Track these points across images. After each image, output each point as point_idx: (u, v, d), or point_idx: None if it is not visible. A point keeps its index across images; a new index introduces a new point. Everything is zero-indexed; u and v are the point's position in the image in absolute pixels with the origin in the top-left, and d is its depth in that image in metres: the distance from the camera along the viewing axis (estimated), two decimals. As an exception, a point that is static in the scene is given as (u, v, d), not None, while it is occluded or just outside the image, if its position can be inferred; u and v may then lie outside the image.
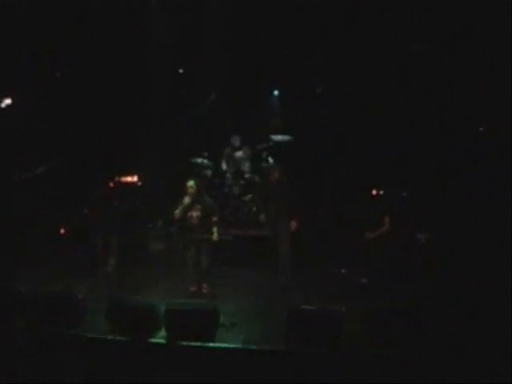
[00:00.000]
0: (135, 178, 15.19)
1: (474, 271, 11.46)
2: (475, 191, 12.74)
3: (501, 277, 10.98)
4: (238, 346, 9.94)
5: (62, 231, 14.21)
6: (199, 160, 15.08)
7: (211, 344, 9.84)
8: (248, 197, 14.51)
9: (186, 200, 11.92)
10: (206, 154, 15.13)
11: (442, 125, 13.72)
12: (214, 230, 11.90)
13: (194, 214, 12.01)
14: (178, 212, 11.91)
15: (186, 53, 15.32)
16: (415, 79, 13.93)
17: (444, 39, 13.54)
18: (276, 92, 15.94)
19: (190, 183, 12.00)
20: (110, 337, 10.24)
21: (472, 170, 12.61)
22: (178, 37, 14.99)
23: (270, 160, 15.03)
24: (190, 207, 11.95)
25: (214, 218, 11.96)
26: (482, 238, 12.03)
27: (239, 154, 15.14)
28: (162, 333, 10.15)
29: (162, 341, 10.03)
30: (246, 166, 15.05)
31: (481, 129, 13.63)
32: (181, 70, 15.77)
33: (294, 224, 12.18)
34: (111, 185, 13.51)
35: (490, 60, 12.86)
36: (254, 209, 14.22)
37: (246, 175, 15.02)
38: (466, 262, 11.80)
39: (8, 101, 14.89)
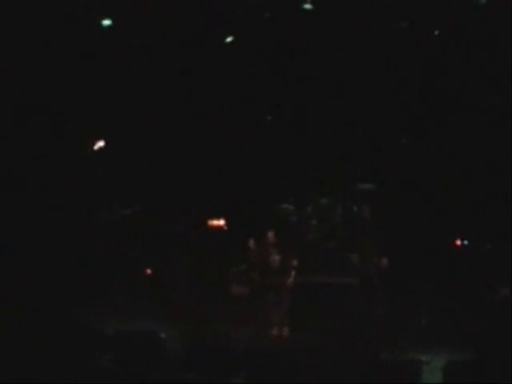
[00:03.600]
0: (221, 222, 15.69)
1: None
2: None
3: None
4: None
5: (148, 272, 14.83)
6: (284, 205, 15.57)
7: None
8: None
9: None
10: (290, 199, 15.59)
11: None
12: (293, 274, 12.48)
13: (275, 258, 12.62)
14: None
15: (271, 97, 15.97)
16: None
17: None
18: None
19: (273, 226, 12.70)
20: (189, 375, 10.79)
21: None
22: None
23: (355, 208, 15.38)
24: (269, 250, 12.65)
25: (295, 263, 12.54)
26: None
27: (324, 200, 15.56)
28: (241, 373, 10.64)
29: (241, 381, 10.52)
30: (331, 213, 15.43)
31: None
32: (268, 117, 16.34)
33: (384, 261, 12.66)
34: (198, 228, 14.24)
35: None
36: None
37: (331, 222, 15.39)
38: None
39: (101, 143, 15.78)
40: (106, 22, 14.62)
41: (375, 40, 14.65)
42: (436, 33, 14.43)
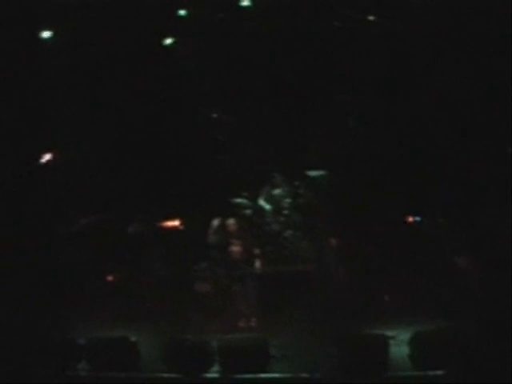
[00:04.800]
0: (176, 223, 15.87)
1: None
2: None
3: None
4: (289, 375, 10.63)
5: (110, 279, 14.97)
6: (238, 200, 15.80)
7: (263, 375, 10.56)
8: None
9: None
10: (245, 193, 15.84)
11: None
12: (257, 264, 12.80)
13: (234, 250, 12.92)
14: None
15: (218, 95, 16.21)
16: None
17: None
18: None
19: (230, 221, 12.95)
20: (165, 375, 11.00)
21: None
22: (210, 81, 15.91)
23: (308, 195, 15.69)
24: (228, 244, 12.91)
25: (256, 254, 12.86)
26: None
27: (277, 191, 15.83)
28: (216, 368, 10.88)
29: (216, 375, 10.77)
30: (285, 203, 15.72)
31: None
32: (215, 115, 16.56)
33: (336, 241, 13.01)
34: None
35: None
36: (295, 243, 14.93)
37: (285, 212, 15.68)
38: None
39: (48, 156, 15.86)
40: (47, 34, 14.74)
41: (313, 34, 15.03)
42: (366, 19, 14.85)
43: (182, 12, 15.34)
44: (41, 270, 14.22)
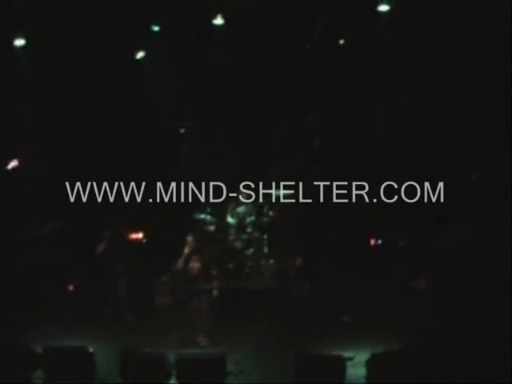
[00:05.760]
0: (140, 235, 15.82)
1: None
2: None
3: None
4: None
5: (71, 288, 14.86)
6: (202, 215, 15.81)
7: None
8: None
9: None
10: (208, 209, 15.84)
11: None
12: (215, 281, 12.79)
13: (195, 265, 12.89)
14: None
15: (185, 110, 16.26)
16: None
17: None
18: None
19: (192, 236, 13.09)
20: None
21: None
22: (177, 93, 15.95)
23: (271, 214, 15.75)
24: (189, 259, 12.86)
25: (214, 271, 12.86)
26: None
27: (241, 208, 15.87)
28: (173, 381, 10.80)
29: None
30: (249, 221, 15.75)
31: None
32: (182, 130, 16.58)
33: (298, 260, 13.03)
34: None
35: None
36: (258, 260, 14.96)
37: (248, 229, 15.70)
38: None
39: (14, 163, 15.75)
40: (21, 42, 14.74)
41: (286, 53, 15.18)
42: (341, 42, 15.04)
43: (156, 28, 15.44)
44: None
